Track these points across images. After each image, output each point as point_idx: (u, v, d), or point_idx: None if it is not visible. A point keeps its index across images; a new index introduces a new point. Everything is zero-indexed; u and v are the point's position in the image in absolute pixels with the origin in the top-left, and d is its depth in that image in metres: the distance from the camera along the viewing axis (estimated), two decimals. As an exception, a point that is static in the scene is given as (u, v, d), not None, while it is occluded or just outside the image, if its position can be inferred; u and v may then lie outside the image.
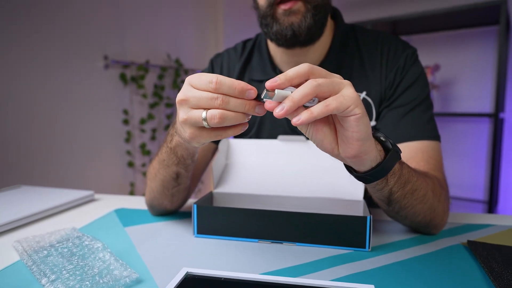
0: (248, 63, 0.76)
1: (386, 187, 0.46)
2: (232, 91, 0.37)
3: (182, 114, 0.40)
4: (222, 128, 0.40)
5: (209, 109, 0.38)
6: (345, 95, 0.36)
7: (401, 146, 0.62)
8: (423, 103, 0.65)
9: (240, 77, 0.75)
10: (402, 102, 0.65)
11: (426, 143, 0.62)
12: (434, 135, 0.63)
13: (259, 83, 0.73)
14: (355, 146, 0.39)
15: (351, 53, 0.69)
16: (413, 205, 0.50)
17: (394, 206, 0.52)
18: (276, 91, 0.35)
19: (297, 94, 0.34)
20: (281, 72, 0.71)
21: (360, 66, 0.69)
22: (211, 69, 0.78)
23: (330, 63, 0.68)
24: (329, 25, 0.70)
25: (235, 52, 0.78)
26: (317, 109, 0.35)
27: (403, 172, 0.46)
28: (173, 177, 0.57)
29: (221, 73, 0.76)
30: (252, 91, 0.37)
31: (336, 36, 0.69)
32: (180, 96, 0.40)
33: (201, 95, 0.38)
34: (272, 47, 0.72)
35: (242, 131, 0.41)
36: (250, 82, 0.74)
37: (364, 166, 0.42)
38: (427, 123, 0.64)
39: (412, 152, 0.61)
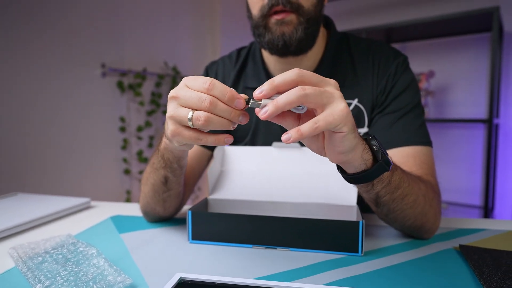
0: (243, 71, 0.77)
1: (372, 190, 0.47)
2: (222, 96, 0.38)
3: (169, 109, 0.41)
4: (204, 133, 0.41)
5: (196, 110, 0.39)
6: (335, 112, 0.36)
7: (393, 151, 0.63)
8: (415, 109, 0.66)
9: (234, 84, 0.76)
10: (393, 108, 0.66)
11: (418, 148, 0.63)
12: (425, 141, 0.64)
13: (252, 91, 0.74)
14: (337, 156, 0.41)
15: (344, 61, 0.71)
16: (402, 209, 0.51)
17: (382, 208, 0.52)
18: (263, 100, 0.36)
19: (280, 100, 0.35)
20: None
21: (353, 74, 0.70)
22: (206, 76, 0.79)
23: (323, 70, 0.69)
24: (322, 34, 0.71)
25: (230, 60, 0.79)
26: (306, 129, 0.35)
27: (393, 179, 0.47)
28: (162, 181, 0.58)
29: None
30: (241, 100, 0.38)
31: (329, 45, 0.71)
32: (172, 92, 0.41)
33: (191, 94, 0.39)
34: (266, 55, 0.73)
35: (225, 144, 0.42)
36: (244, 89, 0.75)
37: (349, 170, 0.44)
38: (418, 129, 0.65)
39: (404, 157, 0.62)
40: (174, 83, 2.29)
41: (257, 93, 0.36)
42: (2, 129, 1.48)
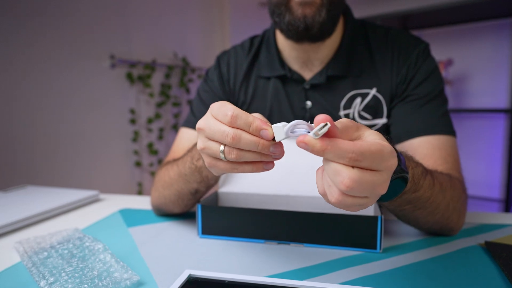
0: (256, 59, 0.74)
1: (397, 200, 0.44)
2: (247, 127, 0.34)
3: (200, 142, 0.39)
4: (240, 163, 0.38)
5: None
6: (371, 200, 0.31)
7: (416, 141, 0.60)
8: (438, 98, 0.63)
9: (247, 74, 0.73)
10: (415, 97, 0.63)
11: (442, 138, 0.60)
12: (449, 130, 0.61)
13: (266, 80, 0.71)
14: None
15: (361, 50, 0.68)
16: (417, 217, 0.49)
17: (397, 213, 0.50)
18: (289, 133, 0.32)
19: (321, 150, 0.29)
20: (289, 68, 0.69)
21: (370, 63, 0.67)
22: (218, 67, 0.76)
23: (339, 60, 0.66)
24: (340, 21, 0.68)
25: (242, 49, 0.76)
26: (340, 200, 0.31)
27: (415, 195, 0.44)
28: (192, 192, 0.56)
29: (227, 71, 0.75)
30: (268, 132, 0.34)
31: (346, 33, 0.68)
32: (199, 123, 0.38)
33: (215, 128, 0.36)
34: (281, 42, 0.70)
35: (264, 171, 0.38)
36: (257, 78, 0.73)
37: None
38: (442, 117, 0.62)
39: (429, 149, 0.59)
40: (184, 74, 2.28)
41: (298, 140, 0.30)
42: (12, 122, 1.49)
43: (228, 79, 0.74)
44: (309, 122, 0.32)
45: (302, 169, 0.64)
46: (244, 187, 0.63)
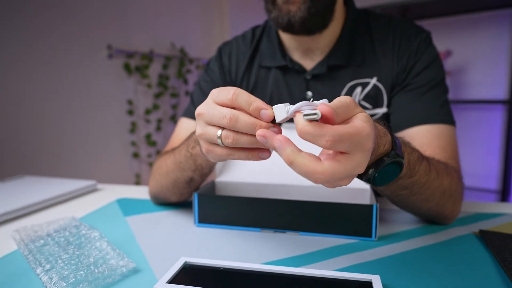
0: (257, 49, 0.74)
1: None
2: (247, 106, 0.34)
3: (198, 128, 0.38)
4: (236, 149, 0.38)
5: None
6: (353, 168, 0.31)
7: (415, 129, 0.61)
8: (438, 86, 0.63)
9: (249, 64, 0.73)
10: (415, 86, 0.63)
11: (441, 128, 0.60)
12: (449, 119, 0.61)
13: (267, 70, 0.72)
14: None
15: (362, 39, 0.68)
16: (413, 202, 0.49)
17: (393, 198, 0.50)
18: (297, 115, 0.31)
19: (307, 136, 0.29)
20: (290, 58, 0.69)
21: (372, 52, 0.67)
22: (219, 57, 0.76)
23: (340, 49, 0.66)
24: (341, 11, 0.68)
25: (244, 40, 0.76)
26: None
27: (418, 175, 0.44)
28: (186, 181, 0.56)
29: (229, 61, 0.75)
30: (268, 112, 0.33)
31: (347, 23, 0.68)
32: (198, 109, 0.38)
33: (213, 111, 0.36)
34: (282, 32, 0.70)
35: (260, 159, 0.38)
36: (259, 68, 0.73)
37: None
38: (442, 107, 0.62)
39: (428, 138, 0.59)
40: (182, 65, 2.26)
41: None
42: (7, 113, 1.48)
43: (229, 69, 0.74)
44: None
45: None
46: (241, 176, 0.64)
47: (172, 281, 0.36)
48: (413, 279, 0.38)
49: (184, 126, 0.72)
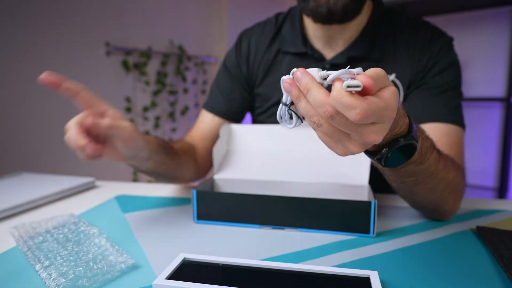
0: (278, 33, 0.76)
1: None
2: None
3: None
4: None
5: None
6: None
7: (426, 126, 0.61)
8: (453, 90, 0.64)
9: (269, 46, 0.75)
10: (431, 85, 0.65)
11: (451, 127, 0.61)
12: (459, 121, 0.63)
13: (284, 55, 0.73)
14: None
15: (385, 34, 0.68)
16: (416, 192, 0.49)
17: (397, 185, 0.50)
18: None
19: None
20: (311, 46, 0.70)
21: (393, 48, 0.68)
22: (239, 44, 0.78)
23: (362, 42, 0.67)
24: (368, 5, 0.69)
25: (266, 25, 0.78)
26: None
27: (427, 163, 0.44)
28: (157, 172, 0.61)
29: (248, 46, 0.77)
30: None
31: (372, 16, 0.68)
32: None
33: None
34: (307, 20, 0.71)
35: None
36: (277, 52, 0.74)
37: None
38: (454, 109, 0.63)
39: (436, 135, 0.59)
40: (180, 62, 2.25)
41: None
42: (5, 111, 1.47)
43: (248, 54, 0.77)
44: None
45: (296, 155, 0.64)
46: (240, 173, 0.64)
47: (171, 277, 0.36)
48: (410, 275, 0.38)
49: (202, 118, 0.78)
